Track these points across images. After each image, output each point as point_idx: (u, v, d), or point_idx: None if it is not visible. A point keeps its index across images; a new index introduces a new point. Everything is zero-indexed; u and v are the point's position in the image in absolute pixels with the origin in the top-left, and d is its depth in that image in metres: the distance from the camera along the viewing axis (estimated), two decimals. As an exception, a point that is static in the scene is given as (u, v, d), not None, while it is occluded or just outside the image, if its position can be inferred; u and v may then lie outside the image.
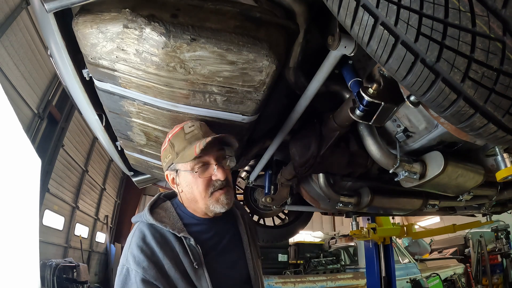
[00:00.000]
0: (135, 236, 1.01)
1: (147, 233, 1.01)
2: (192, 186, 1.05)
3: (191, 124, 1.09)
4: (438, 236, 7.23)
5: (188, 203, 1.10)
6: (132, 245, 0.99)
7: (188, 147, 1.03)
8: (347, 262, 7.19)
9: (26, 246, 4.05)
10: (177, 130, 1.09)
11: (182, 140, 1.06)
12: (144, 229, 1.02)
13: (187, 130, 1.08)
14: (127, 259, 0.97)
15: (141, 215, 1.07)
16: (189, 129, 1.08)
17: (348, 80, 1.09)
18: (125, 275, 0.95)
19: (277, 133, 1.46)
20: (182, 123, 1.12)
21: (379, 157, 1.24)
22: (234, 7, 0.88)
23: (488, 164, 1.32)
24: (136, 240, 1.00)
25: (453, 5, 0.56)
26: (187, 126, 1.09)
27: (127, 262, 0.97)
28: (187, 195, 1.07)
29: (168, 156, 1.08)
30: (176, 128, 1.11)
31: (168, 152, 1.08)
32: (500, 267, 6.67)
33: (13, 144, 3.83)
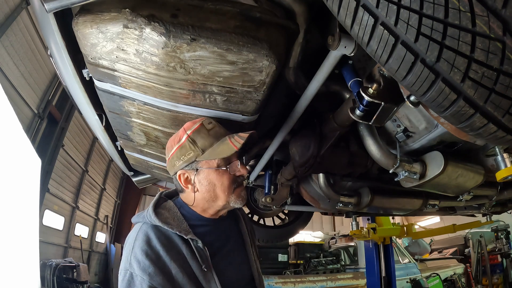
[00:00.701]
0: (138, 239, 0.95)
1: (152, 235, 0.95)
2: (215, 184, 1.02)
3: (209, 121, 1.05)
4: (438, 236, 7.23)
5: (201, 202, 1.05)
6: (135, 248, 0.94)
7: (218, 143, 1.00)
8: (347, 262, 7.20)
9: (26, 246, 4.04)
10: (196, 126, 1.03)
11: (206, 136, 1.01)
12: (148, 231, 0.96)
13: (208, 127, 1.03)
14: (130, 264, 0.92)
15: (144, 215, 1.01)
16: (210, 126, 1.04)
17: (348, 80, 1.09)
18: (129, 280, 0.91)
19: (277, 133, 1.46)
20: (197, 120, 1.06)
21: (379, 157, 1.24)
22: (234, 7, 0.88)
23: (488, 164, 1.32)
24: (140, 243, 0.94)
25: (453, 5, 0.56)
26: (206, 123, 1.05)
27: (130, 267, 0.92)
28: (204, 194, 1.03)
29: (188, 153, 1.00)
30: (193, 124, 1.04)
31: (187, 149, 1.00)
32: (500, 267, 6.67)
33: (13, 144, 3.83)
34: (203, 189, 1.03)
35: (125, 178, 11.88)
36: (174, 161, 1.03)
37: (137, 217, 1.05)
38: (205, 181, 1.02)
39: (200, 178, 1.02)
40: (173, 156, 1.03)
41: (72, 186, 8.30)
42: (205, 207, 1.06)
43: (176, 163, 1.03)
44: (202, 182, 1.02)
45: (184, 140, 1.01)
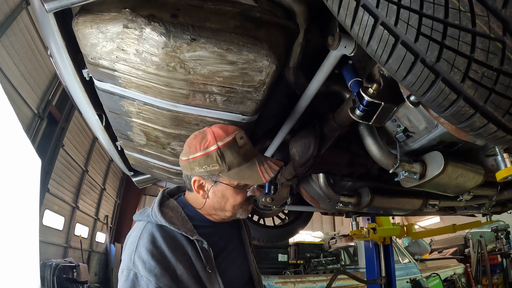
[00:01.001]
0: (143, 238, 0.93)
1: (157, 235, 0.93)
2: (227, 198, 1.01)
3: (241, 135, 1.00)
4: (438, 236, 7.23)
5: (209, 208, 1.04)
6: (140, 248, 0.91)
7: (246, 165, 0.98)
8: (347, 262, 7.19)
9: (26, 246, 4.04)
10: (229, 140, 0.97)
11: (237, 154, 0.97)
12: (153, 231, 0.94)
13: (240, 142, 0.98)
14: (134, 263, 0.90)
15: (148, 214, 0.99)
16: (242, 141, 0.99)
17: (348, 80, 1.09)
18: (133, 280, 0.88)
19: (277, 133, 1.46)
20: (229, 129, 1.00)
21: (379, 157, 1.24)
22: (234, 7, 0.88)
23: (488, 164, 1.32)
24: (145, 243, 0.92)
25: (453, 5, 0.56)
26: (239, 137, 0.99)
27: (134, 267, 0.89)
28: (214, 204, 1.02)
29: (213, 165, 0.96)
30: (225, 135, 0.97)
31: (213, 161, 0.95)
32: (500, 267, 6.67)
33: (13, 144, 3.83)
34: (215, 199, 1.02)
35: (125, 178, 11.88)
36: (194, 165, 0.98)
37: (140, 215, 1.02)
38: (219, 194, 1.01)
39: (215, 190, 1.01)
40: (195, 160, 0.97)
41: (72, 186, 8.30)
42: (211, 213, 1.05)
43: (196, 168, 0.98)
44: (216, 194, 1.01)
45: (213, 150, 0.95)
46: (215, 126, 1.01)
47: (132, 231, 1.00)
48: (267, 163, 1.00)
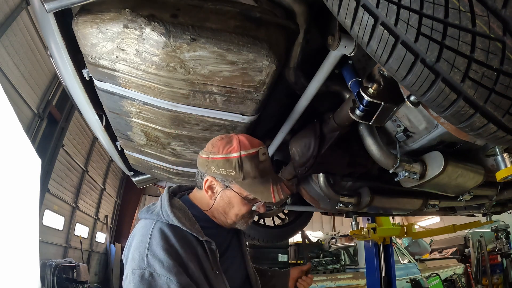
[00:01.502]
0: (155, 237, 0.92)
1: (170, 234, 0.93)
2: (233, 205, 1.04)
3: (264, 151, 1.03)
4: (438, 236, 7.23)
5: (214, 211, 1.06)
6: (154, 247, 0.90)
7: (260, 180, 1.01)
8: (347, 262, 7.19)
9: (26, 246, 4.04)
10: (253, 152, 1.00)
11: (256, 167, 1.00)
12: (165, 230, 0.94)
13: (261, 158, 1.02)
14: (148, 263, 0.87)
15: (158, 213, 0.98)
16: (263, 157, 1.02)
17: (348, 80, 1.09)
18: (149, 281, 0.86)
19: (277, 133, 1.46)
20: (255, 142, 1.03)
21: (379, 157, 1.24)
22: (234, 7, 0.88)
23: (488, 164, 1.32)
24: (159, 241, 0.91)
25: (453, 5, 0.56)
26: (261, 153, 1.02)
27: (148, 266, 0.87)
28: (219, 207, 1.05)
29: (229, 170, 0.98)
30: (250, 146, 1.00)
31: (231, 167, 0.98)
32: (500, 267, 6.67)
33: (13, 144, 3.83)
34: (221, 203, 1.04)
35: (125, 178, 11.88)
36: (212, 165, 1.01)
37: (147, 214, 1.01)
38: (226, 199, 1.03)
39: (223, 195, 1.03)
40: (214, 161, 1.00)
41: (72, 186, 8.30)
42: (216, 215, 1.07)
43: (213, 169, 1.01)
44: (224, 199, 1.03)
45: (235, 156, 0.98)
46: (243, 135, 1.03)
47: (139, 230, 0.98)
48: (280, 185, 1.02)
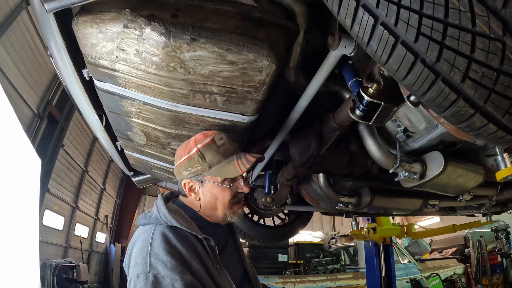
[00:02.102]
0: (156, 240, 0.94)
1: (170, 235, 0.96)
2: (217, 197, 1.08)
3: (220, 136, 1.09)
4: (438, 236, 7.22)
5: (204, 209, 1.09)
6: (156, 250, 0.92)
7: (225, 161, 1.05)
8: (347, 262, 7.20)
9: (26, 246, 4.04)
10: (208, 141, 1.06)
11: (215, 152, 1.05)
12: (165, 232, 0.97)
13: (218, 143, 1.07)
14: (151, 266, 0.89)
15: (156, 217, 1.01)
16: (220, 142, 1.08)
17: (348, 80, 1.09)
18: (153, 283, 0.87)
19: (277, 133, 1.46)
20: (209, 133, 1.10)
21: (379, 157, 1.24)
22: (234, 7, 0.88)
23: (488, 164, 1.32)
24: (160, 244, 0.93)
25: (453, 5, 0.56)
26: (217, 138, 1.08)
27: (152, 269, 0.89)
28: (206, 203, 1.08)
29: (195, 166, 1.05)
30: (204, 138, 1.08)
31: (195, 162, 1.05)
32: (500, 267, 6.67)
33: (13, 144, 3.83)
34: (206, 199, 1.08)
35: (125, 178, 11.88)
36: (181, 169, 1.08)
37: (146, 219, 1.04)
38: (208, 193, 1.08)
39: (204, 190, 1.08)
40: (181, 165, 1.08)
41: (72, 186, 8.30)
42: (208, 214, 1.11)
43: (183, 172, 1.08)
44: (205, 194, 1.08)
45: (194, 152, 1.06)
46: (198, 134, 1.11)
47: (139, 236, 1.00)
48: (245, 157, 1.07)
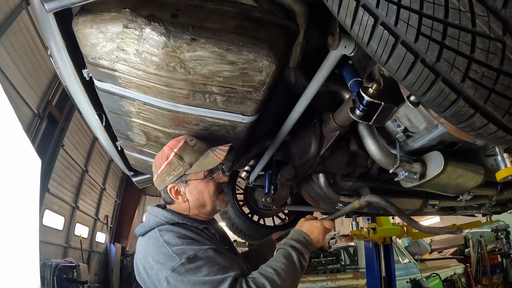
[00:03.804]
0: (166, 236, 1.01)
1: (177, 229, 1.04)
2: (203, 192, 1.15)
3: (190, 138, 1.18)
4: (438, 236, 7.23)
5: (193, 209, 1.16)
6: (172, 241, 0.99)
7: (202, 156, 1.14)
8: (347, 262, 7.18)
9: (26, 246, 4.04)
10: (181, 144, 1.15)
11: (192, 152, 1.14)
12: (171, 228, 1.04)
13: (191, 144, 1.15)
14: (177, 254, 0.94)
15: (156, 221, 1.07)
16: (192, 142, 1.16)
17: (348, 80, 1.09)
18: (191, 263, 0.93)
19: (277, 133, 1.46)
20: (179, 138, 1.19)
21: (379, 157, 1.24)
22: (234, 7, 0.88)
23: (488, 164, 1.32)
24: (173, 236, 1.00)
25: (453, 5, 0.56)
26: (189, 140, 1.16)
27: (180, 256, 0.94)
28: (194, 202, 1.14)
29: (177, 169, 1.12)
30: (177, 143, 1.16)
31: (176, 165, 1.12)
32: (500, 267, 6.67)
33: (13, 144, 3.83)
34: (193, 198, 1.15)
35: (125, 178, 11.88)
36: (164, 176, 1.14)
37: (145, 227, 1.10)
38: (194, 191, 1.14)
39: (189, 189, 1.14)
40: (163, 173, 1.14)
41: (72, 186, 8.30)
42: (197, 213, 1.17)
43: (166, 178, 1.14)
44: (192, 192, 1.14)
45: (172, 157, 1.13)
46: (169, 142, 1.19)
47: (146, 243, 1.04)
48: (219, 148, 1.16)
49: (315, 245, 1.17)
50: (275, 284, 0.94)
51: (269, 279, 0.95)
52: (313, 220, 1.23)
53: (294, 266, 1.04)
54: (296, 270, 1.04)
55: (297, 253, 1.07)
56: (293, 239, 1.13)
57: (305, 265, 1.08)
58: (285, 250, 1.08)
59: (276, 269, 0.99)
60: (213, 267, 0.93)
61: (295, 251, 1.07)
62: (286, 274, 0.99)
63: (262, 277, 0.95)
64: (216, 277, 0.91)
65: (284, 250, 1.08)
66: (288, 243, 1.11)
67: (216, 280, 0.90)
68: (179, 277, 0.91)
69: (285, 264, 1.01)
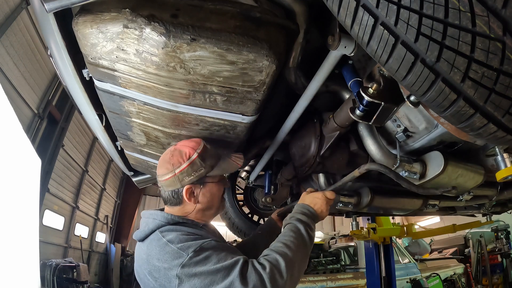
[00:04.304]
0: (169, 235, 1.00)
1: (179, 227, 1.05)
2: (215, 194, 1.18)
3: (206, 142, 1.20)
4: (438, 236, 7.22)
5: (199, 212, 1.16)
6: (175, 239, 0.98)
7: (220, 161, 1.19)
8: (347, 262, 7.18)
9: (26, 246, 4.04)
10: (203, 146, 1.16)
11: (212, 155, 1.17)
12: (172, 227, 1.05)
13: (208, 147, 1.18)
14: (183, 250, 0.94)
15: (156, 224, 1.06)
16: (209, 146, 1.19)
17: (348, 80, 1.09)
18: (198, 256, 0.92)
19: (277, 133, 1.46)
20: (196, 139, 1.19)
21: (379, 157, 1.24)
22: (234, 7, 0.88)
23: (488, 164, 1.32)
24: (176, 235, 1.00)
25: (453, 5, 0.56)
26: (207, 144, 1.19)
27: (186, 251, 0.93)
28: (204, 204, 1.15)
29: (199, 169, 1.11)
30: (198, 144, 1.16)
31: (198, 166, 1.11)
32: (500, 267, 6.67)
33: (13, 144, 3.83)
34: (205, 200, 1.15)
35: (125, 178, 11.88)
36: (183, 176, 1.10)
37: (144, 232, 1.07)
38: (208, 194, 1.16)
39: (204, 191, 1.15)
40: (183, 172, 1.10)
41: (72, 186, 8.30)
42: (198, 217, 1.16)
43: (185, 178, 1.11)
44: (206, 195, 1.15)
45: (195, 157, 1.11)
46: (183, 142, 1.17)
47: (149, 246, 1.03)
48: (234, 155, 1.24)
49: (320, 215, 1.19)
50: (286, 257, 0.96)
51: (280, 253, 0.97)
52: (315, 192, 1.25)
53: (303, 238, 1.06)
54: (305, 242, 1.06)
55: (304, 225, 1.09)
56: (298, 212, 1.16)
57: (313, 236, 1.11)
58: (292, 225, 1.10)
59: (285, 243, 1.01)
60: (220, 253, 0.94)
61: (301, 223, 1.10)
62: (296, 246, 1.01)
63: (273, 253, 0.97)
64: (227, 262, 0.92)
65: (291, 225, 1.10)
66: (294, 217, 1.13)
67: (228, 265, 0.91)
68: (190, 272, 0.90)
69: (294, 237, 1.04)
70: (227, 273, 0.90)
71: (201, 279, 0.89)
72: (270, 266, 0.92)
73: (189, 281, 0.90)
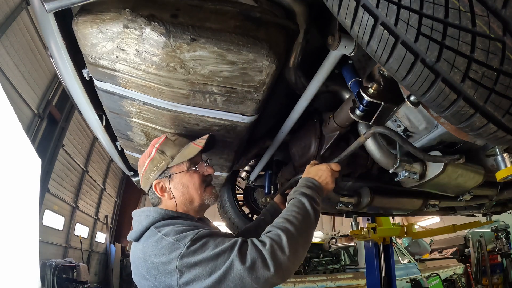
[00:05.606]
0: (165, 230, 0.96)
1: (174, 221, 1.03)
2: (188, 185, 1.11)
3: (171, 134, 1.19)
4: (438, 236, 7.23)
5: (181, 206, 1.12)
6: (171, 232, 0.94)
7: (183, 148, 1.13)
8: (347, 262, 7.18)
9: (26, 246, 4.04)
10: (162, 139, 1.15)
11: (173, 145, 1.14)
12: (167, 222, 1.02)
13: (172, 138, 1.16)
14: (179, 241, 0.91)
15: (149, 221, 1.02)
16: (173, 138, 1.16)
17: (348, 80, 1.09)
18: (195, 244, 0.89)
19: (277, 133, 1.46)
20: (161, 136, 1.19)
21: (379, 157, 1.24)
22: (234, 7, 0.88)
23: (488, 164, 1.32)
24: (172, 228, 0.96)
25: (453, 5, 0.56)
26: (170, 136, 1.17)
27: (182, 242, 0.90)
28: (181, 197, 1.11)
29: (159, 163, 1.11)
30: (159, 139, 1.16)
31: (158, 160, 1.11)
32: (500, 267, 6.67)
33: (13, 144, 3.83)
34: (178, 193, 1.11)
35: (125, 178, 11.87)
36: (148, 174, 1.13)
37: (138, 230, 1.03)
38: (179, 185, 1.11)
39: (174, 184, 1.11)
40: (147, 170, 1.13)
41: (72, 186, 8.29)
42: (186, 209, 1.13)
43: (150, 175, 1.12)
44: (177, 187, 1.11)
45: (154, 153, 1.13)
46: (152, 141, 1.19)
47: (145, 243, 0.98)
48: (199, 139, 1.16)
49: (325, 187, 1.14)
50: (288, 232, 0.92)
51: (282, 228, 0.93)
52: (318, 164, 1.20)
53: (306, 212, 1.02)
54: (309, 216, 1.02)
55: (308, 199, 1.05)
56: (302, 186, 1.11)
57: (319, 209, 1.06)
58: (295, 200, 1.06)
59: (287, 218, 0.97)
60: (217, 238, 0.92)
61: (305, 197, 1.06)
62: (299, 221, 0.97)
63: (275, 228, 0.94)
64: (225, 244, 0.89)
65: (295, 200, 1.06)
66: (298, 191, 1.09)
67: (227, 247, 0.89)
68: (190, 262, 0.87)
69: (297, 212, 1.00)
70: (227, 255, 0.87)
71: (202, 267, 0.87)
72: (271, 242, 0.89)
73: (190, 272, 0.87)
